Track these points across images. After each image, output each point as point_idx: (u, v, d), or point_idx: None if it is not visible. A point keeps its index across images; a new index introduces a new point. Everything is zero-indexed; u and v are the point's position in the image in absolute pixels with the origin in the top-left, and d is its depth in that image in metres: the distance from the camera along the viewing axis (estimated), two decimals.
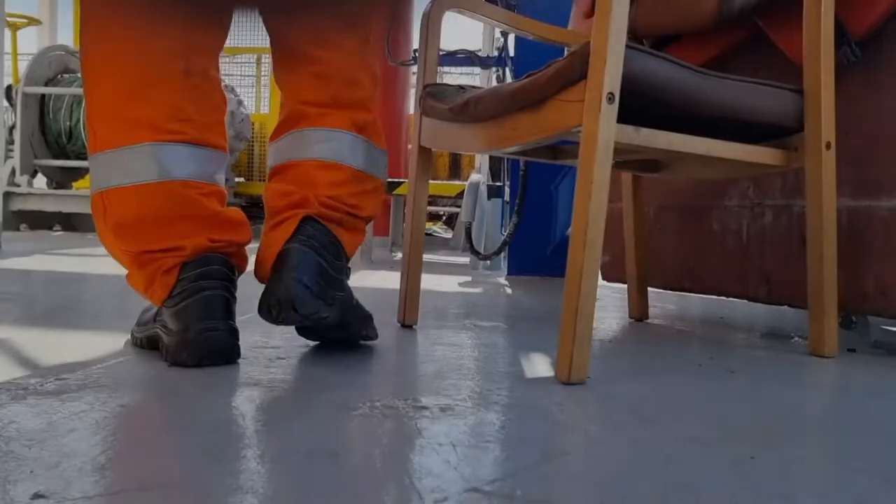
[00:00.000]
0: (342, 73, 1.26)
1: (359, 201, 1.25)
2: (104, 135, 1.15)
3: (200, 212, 1.16)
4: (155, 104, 1.13)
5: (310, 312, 1.09)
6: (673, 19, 1.65)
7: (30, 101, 5.10)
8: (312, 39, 1.27)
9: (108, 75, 1.14)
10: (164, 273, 1.14)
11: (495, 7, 1.64)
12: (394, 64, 3.83)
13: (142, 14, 1.14)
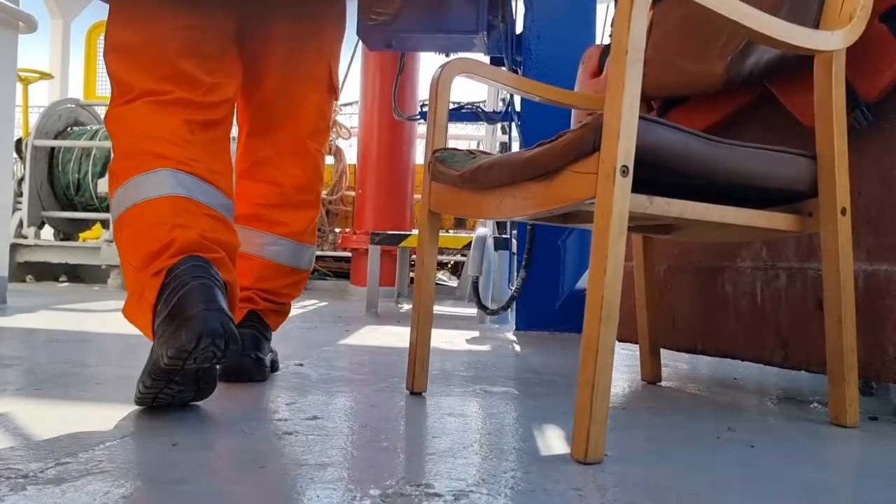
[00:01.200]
0: (298, 181, 1.64)
1: (290, 290, 1.69)
2: (126, 170, 1.32)
3: (197, 211, 1.30)
4: (174, 147, 1.33)
5: (252, 377, 1.55)
6: (681, 82, 1.65)
7: (39, 154, 5.15)
8: (275, 154, 1.62)
9: (129, 132, 1.36)
10: (153, 276, 1.19)
11: (502, 71, 1.65)
12: (400, 118, 3.87)
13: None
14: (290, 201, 1.64)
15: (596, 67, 2.09)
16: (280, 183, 1.63)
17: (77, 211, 5.30)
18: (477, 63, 1.55)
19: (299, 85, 1.63)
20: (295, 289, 1.71)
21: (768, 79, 1.52)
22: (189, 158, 1.34)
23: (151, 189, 1.28)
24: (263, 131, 1.65)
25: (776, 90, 1.52)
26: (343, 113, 6.43)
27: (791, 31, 1.20)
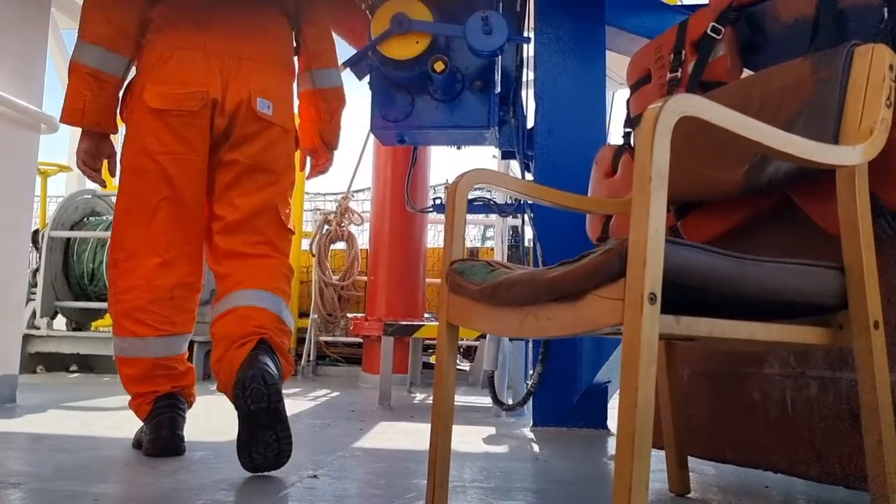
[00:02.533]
0: (272, 266, 2.13)
1: (283, 338, 2.01)
2: (126, 326, 2.06)
3: (170, 372, 2.08)
4: (154, 315, 2.03)
5: (272, 383, 1.79)
6: (699, 188, 1.64)
7: (55, 245, 5.19)
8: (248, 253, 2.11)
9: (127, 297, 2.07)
10: (147, 403, 2.06)
11: (518, 179, 1.66)
12: (413, 211, 3.90)
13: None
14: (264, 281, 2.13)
15: (610, 167, 2.09)
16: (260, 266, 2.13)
17: (91, 300, 5.30)
18: (492, 173, 1.56)
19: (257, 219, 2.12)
20: (286, 337, 2.06)
21: (788, 186, 1.51)
22: (166, 321, 2.05)
23: (141, 351, 2.05)
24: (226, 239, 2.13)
25: (797, 198, 1.51)
26: (355, 199, 6.50)
27: (812, 148, 1.20)
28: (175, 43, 2.03)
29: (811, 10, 1.63)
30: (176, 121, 1.99)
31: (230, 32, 2.07)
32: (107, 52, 2.03)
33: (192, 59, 2.02)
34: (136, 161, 2.02)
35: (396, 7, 2.81)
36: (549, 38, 3.05)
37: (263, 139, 2.08)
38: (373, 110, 3.05)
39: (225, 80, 2.03)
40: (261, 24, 2.14)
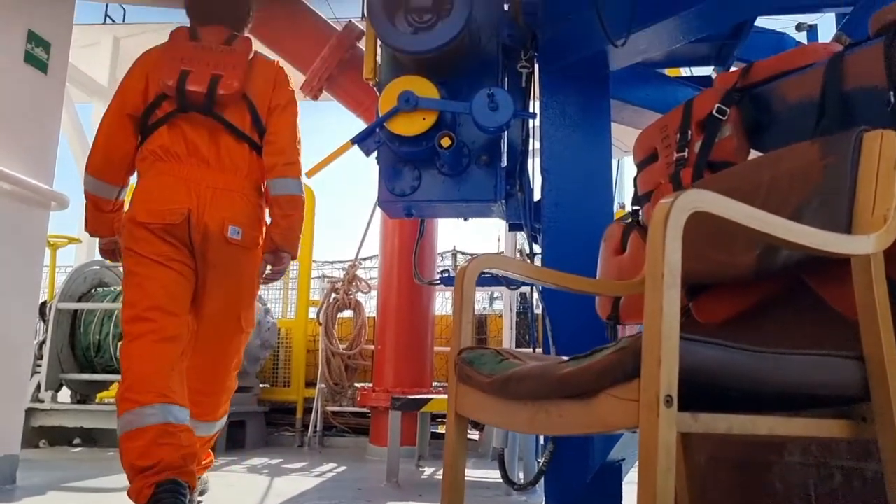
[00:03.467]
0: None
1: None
2: (132, 402, 2.24)
3: (174, 431, 2.21)
4: (160, 385, 2.26)
5: None
6: (710, 272, 1.62)
7: (62, 317, 5.18)
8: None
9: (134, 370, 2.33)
10: (147, 487, 2.10)
11: (526, 264, 1.64)
12: (420, 283, 3.88)
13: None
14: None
15: (619, 245, 2.08)
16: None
17: (96, 372, 5.25)
18: (501, 259, 1.55)
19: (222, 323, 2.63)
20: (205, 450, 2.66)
21: (801, 270, 1.48)
22: (169, 390, 2.26)
23: (148, 419, 2.19)
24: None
25: (811, 281, 1.48)
26: (362, 267, 6.50)
27: (826, 239, 1.18)
28: (160, 172, 2.51)
29: (817, 92, 1.64)
30: (159, 231, 2.44)
31: (207, 167, 2.54)
32: (101, 182, 2.60)
33: (175, 185, 2.48)
34: (132, 263, 2.47)
35: (404, 85, 2.85)
36: (554, 113, 3.08)
37: (233, 258, 2.56)
38: (380, 184, 3.07)
39: (202, 207, 2.47)
40: (233, 160, 2.59)
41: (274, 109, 2.67)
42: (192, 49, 2.59)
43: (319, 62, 4.88)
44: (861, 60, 1.56)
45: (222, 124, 2.56)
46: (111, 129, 2.57)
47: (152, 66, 2.58)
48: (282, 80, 2.75)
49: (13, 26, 2.98)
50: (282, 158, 2.64)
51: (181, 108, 2.52)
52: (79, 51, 5.21)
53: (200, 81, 2.51)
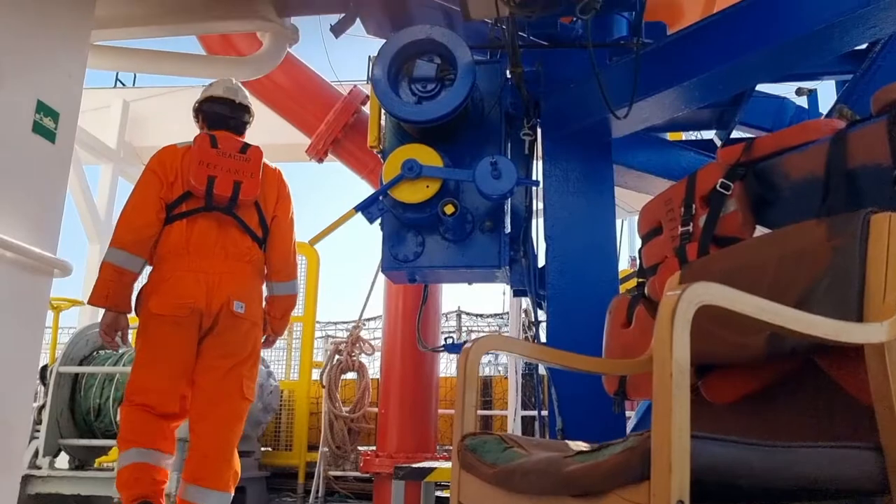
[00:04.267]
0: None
1: None
2: (124, 446, 2.80)
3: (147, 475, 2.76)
4: (146, 437, 2.82)
5: None
6: (717, 352, 1.58)
7: (63, 380, 5.13)
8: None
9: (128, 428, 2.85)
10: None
11: (530, 344, 1.61)
12: (424, 350, 3.84)
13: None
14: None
15: (625, 318, 2.05)
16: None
17: (96, 437, 5.17)
18: (504, 339, 1.52)
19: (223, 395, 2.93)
20: None
21: (813, 352, 1.45)
22: (149, 441, 2.80)
23: (130, 458, 2.76)
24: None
25: (823, 364, 1.44)
26: (366, 328, 6.46)
27: (838, 329, 1.15)
28: (174, 266, 2.92)
29: (820, 169, 1.63)
30: (171, 321, 2.85)
31: (217, 257, 2.96)
32: (130, 255, 2.92)
33: (185, 279, 2.90)
34: (143, 344, 2.91)
35: (407, 153, 2.87)
36: (557, 180, 3.09)
37: (237, 329, 2.93)
38: (384, 250, 3.06)
39: (210, 291, 2.89)
40: (239, 250, 3.02)
41: (279, 218, 3.16)
42: (215, 156, 3.02)
43: (325, 127, 4.94)
44: (864, 138, 1.56)
45: (236, 221, 3.02)
46: (146, 207, 2.94)
47: (180, 164, 3.02)
48: (284, 191, 3.25)
49: (22, 96, 3.01)
50: (285, 266, 3.16)
51: (207, 207, 2.98)
52: (89, 114, 5.30)
53: (225, 187, 2.98)
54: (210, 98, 3.28)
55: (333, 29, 4.01)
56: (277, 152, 7.02)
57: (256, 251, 3.07)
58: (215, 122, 3.23)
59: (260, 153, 3.18)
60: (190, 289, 2.87)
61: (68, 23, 3.33)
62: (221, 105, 3.27)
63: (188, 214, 2.95)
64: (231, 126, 3.24)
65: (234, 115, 3.27)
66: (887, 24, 2.15)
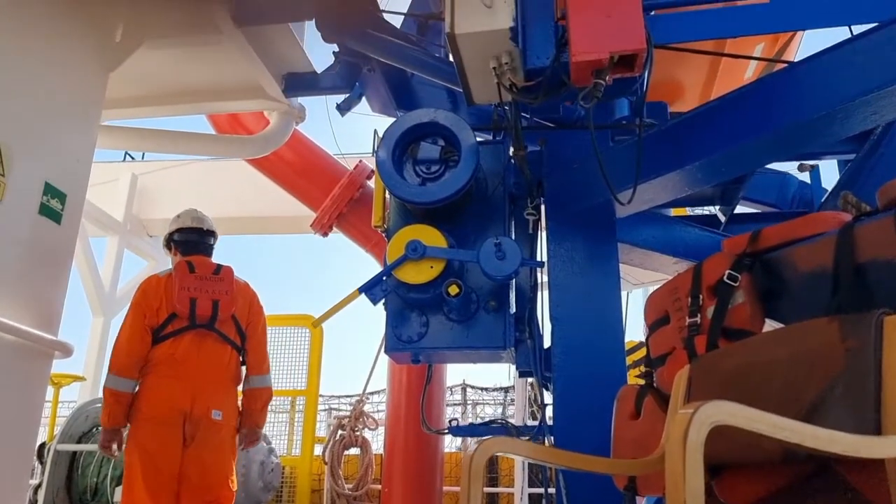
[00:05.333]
0: None
1: None
2: None
3: None
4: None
5: None
6: (732, 452, 1.52)
7: (61, 458, 5.03)
8: None
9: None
10: None
11: (536, 446, 1.56)
12: (428, 432, 3.76)
13: None
14: None
15: (633, 409, 1.99)
16: None
17: None
18: (510, 442, 1.47)
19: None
20: None
21: (831, 455, 1.39)
22: None
23: None
24: None
25: (842, 468, 1.39)
26: (370, 402, 6.36)
27: (857, 443, 1.11)
28: (163, 376, 3.33)
29: (829, 262, 1.61)
30: (160, 422, 3.25)
31: (199, 368, 3.38)
32: (125, 379, 3.31)
33: (174, 386, 3.30)
34: (133, 447, 3.28)
35: (411, 234, 2.87)
36: (562, 261, 3.07)
37: (216, 434, 3.35)
38: (387, 330, 3.02)
39: (194, 398, 3.30)
40: (221, 362, 3.46)
41: (254, 324, 3.65)
42: (194, 280, 3.50)
43: (330, 201, 4.98)
44: (872, 233, 1.54)
45: (217, 334, 3.47)
46: (135, 338, 3.36)
47: (164, 291, 3.46)
48: (256, 302, 3.72)
49: (30, 178, 3.05)
50: (262, 363, 3.64)
51: (191, 325, 3.41)
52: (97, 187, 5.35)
53: (206, 307, 3.45)
54: (180, 229, 3.77)
55: (339, 107, 4.08)
56: (282, 224, 7.06)
57: (235, 358, 3.54)
58: (188, 248, 3.71)
59: (231, 272, 3.66)
60: (177, 394, 3.29)
61: (79, 105, 3.40)
62: (191, 233, 3.74)
63: (175, 334, 3.39)
64: (202, 250, 3.72)
65: (204, 241, 3.76)
66: (889, 111, 2.16)
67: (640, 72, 2.27)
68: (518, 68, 2.47)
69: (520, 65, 2.45)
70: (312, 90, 3.97)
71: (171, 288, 3.44)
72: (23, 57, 3.04)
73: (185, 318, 3.40)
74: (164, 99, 4.10)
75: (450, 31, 2.38)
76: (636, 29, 2.19)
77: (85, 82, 3.41)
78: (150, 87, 4.06)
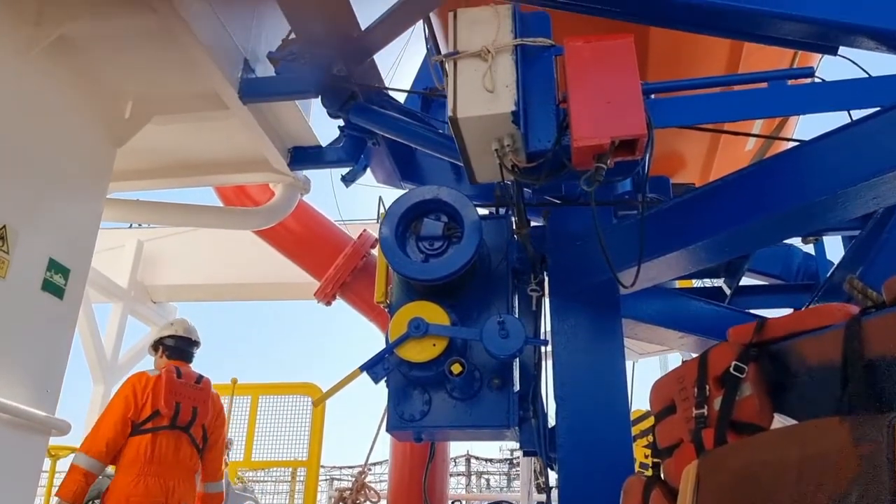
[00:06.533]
0: None
1: None
2: None
3: None
4: None
5: None
6: None
7: None
8: None
9: None
10: None
11: None
12: None
13: None
14: None
15: (640, 502, 1.94)
16: None
17: None
18: None
19: None
20: None
21: None
22: None
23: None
24: None
25: None
26: (372, 473, 6.23)
27: None
28: (142, 472, 3.79)
29: (838, 357, 1.58)
30: None
31: (175, 467, 3.88)
32: (97, 462, 3.78)
33: (151, 482, 3.78)
34: None
35: (413, 311, 2.85)
36: (566, 338, 3.04)
37: None
38: (389, 408, 2.98)
39: (168, 494, 3.81)
40: (189, 460, 3.98)
41: (216, 434, 4.18)
42: (180, 386, 3.97)
43: (334, 270, 4.98)
44: (881, 329, 1.51)
45: (190, 439, 3.97)
46: (118, 429, 3.77)
47: (151, 390, 3.87)
48: (221, 413, 4.28)
49: (35, 255, 3.05)
50: (218, 471, 4.24)
51: (171, 426, 3.89)
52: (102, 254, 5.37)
53: (187, 412, 3.95)
54: (173, 336, 4.21)
55: (344, 179, 4.11)
56: (288, 291, 7.05)
57: (197, 459, 4.07)
58: (175, 354, 4.17)
59: (209, 383, 4.18)
60: (154, 490, 3.77)
61: (86, 181, 3.43)
62: (182, 342, 4.20)
63: (154, 430, 3.83)
64: (186, 358, 4.20)
65: (189, 350, 4.24)
66: (890, 196, 2.16)
67: (641, 155, 2.28)
68: (520, 150, 2.49)
69: (521, 146, 2.47)
70: (318, 164, 4.01)
71: (158, 388, 3.89)
72: (32, 134, 3.09)
73: (166, 419, 3.87)
74: (171, 171, 4.14)
75: (452, 115, 2.41)
76: (637, 114, 2.21)
77: (93, 158, 3.45)
78: (156, 160, 4.11)
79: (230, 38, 3.31)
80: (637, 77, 2.26)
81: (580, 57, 2.33)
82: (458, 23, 2.56)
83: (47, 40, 3.03)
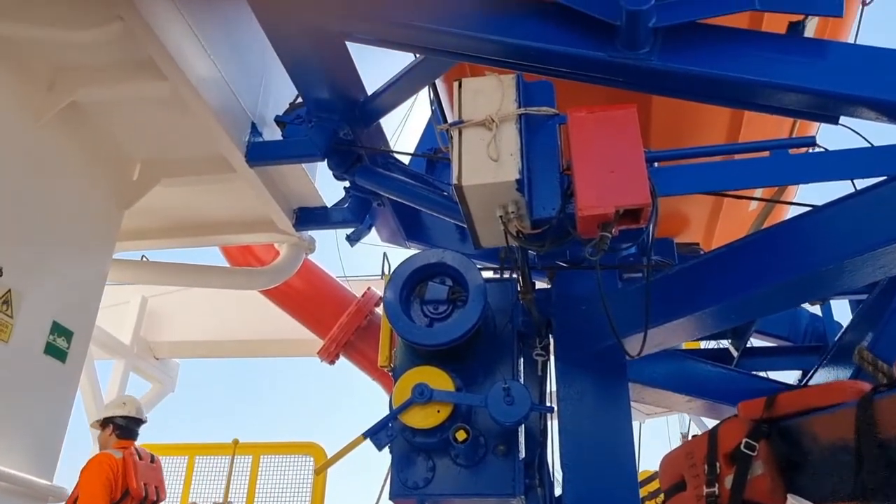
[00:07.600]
0: None
1: None
2: None
3: None
4: None
5: None
6: None
7: None
8: None
9: None
10: None
11: None
12: None
13: None
14: None
15: None
16: None
17: None
18: None
19: None
20: None
21: None
22: None
23: None
24: None
25: None
26: None
27: None
28: None
29: (851, 437, 1.55)
30: None
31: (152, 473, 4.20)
32: None
33: None
34: None
35: (418, 377, 2.82)
36: (572, 403, 3.00)
37: None
38: (392, 475, 2.92)
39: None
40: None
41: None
42: (144, 468, 4.15)
43: (338, 329, 4.95)
44: (893, 409, 1.49)
45: None
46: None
47: (121, 472, 3.99)
48: (163, 483, 4.42)
49: (38, 319, 3.05)
50: None
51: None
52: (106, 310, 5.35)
53: (152, 493, 4.16)
54: (125, 417, 4.26)
55: (349, 239, 4.13)
56: (292, 347, 7.01)
57: None
58: (124, 434, 4.23)
59: (160, 462, 4.43)
60: None
61: (92, 243, 3.45)
62: (132, 422, 4.27)
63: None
64: (133, 437, 4.30)
65: (137, 430, 4.34)
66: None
67: (645, 223, 2.29)
68: (524, 216, 2.50)
69: (526, 213, 2.48)
70: (323, 224, 4.03)
71: (129, 471, 4.04)
72: (40, 198, 3.12)
73: (136, 500, 4.07)
74: (178, 231, 4.17)
75: (457, 183, 2.43)
76: (641, 183, 2.22)
77: (100, 220, 3.48)
78: (163, 221, 4.14)
79: (238, 102, 3.36)
80: (640, 147, 2.28)
81: (584, 127, 2.36)
82: (462, 92, 2.60)
83: (59, 106, 3.08)
